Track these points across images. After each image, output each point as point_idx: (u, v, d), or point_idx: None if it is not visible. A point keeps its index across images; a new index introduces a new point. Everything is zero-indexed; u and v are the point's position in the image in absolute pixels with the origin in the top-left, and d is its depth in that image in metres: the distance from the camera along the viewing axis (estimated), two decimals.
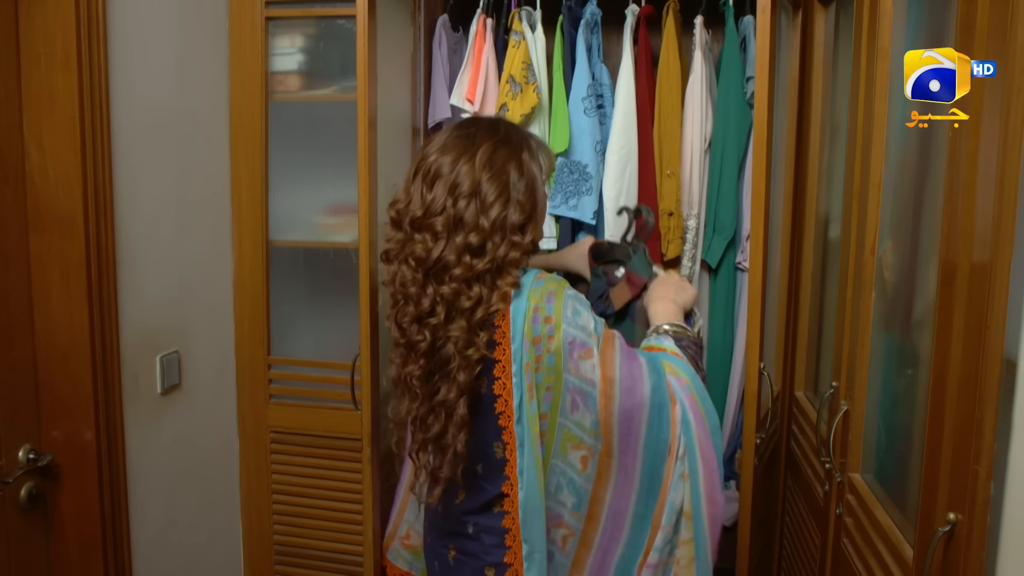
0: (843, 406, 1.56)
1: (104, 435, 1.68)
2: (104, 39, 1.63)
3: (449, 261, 1.21)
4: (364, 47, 1.66)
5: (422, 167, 1.26)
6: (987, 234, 0.93)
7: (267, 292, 2.16)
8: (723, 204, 2.05)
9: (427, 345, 1.24)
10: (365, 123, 1.68)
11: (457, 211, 1.22)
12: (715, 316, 2.13)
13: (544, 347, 1.24)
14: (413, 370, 1.26)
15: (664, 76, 2.05)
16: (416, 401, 1.28)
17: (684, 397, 1.28)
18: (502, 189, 1.24)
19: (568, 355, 1.24)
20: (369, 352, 1.74)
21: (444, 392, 1.25)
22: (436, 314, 1.22)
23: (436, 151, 1.26)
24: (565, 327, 1.24)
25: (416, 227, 1.24)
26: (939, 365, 1.07)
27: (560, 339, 1.24)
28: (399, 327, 1.27)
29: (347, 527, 2.19)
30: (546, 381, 1.25)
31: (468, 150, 1.25)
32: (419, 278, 1.23)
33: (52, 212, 1.61)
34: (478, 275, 1.22)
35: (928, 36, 1.32)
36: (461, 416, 1.24)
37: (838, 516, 1.58)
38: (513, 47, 2.04)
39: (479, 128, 1.30)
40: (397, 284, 1.26)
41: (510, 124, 1.36)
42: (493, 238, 1.22)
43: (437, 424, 1.27)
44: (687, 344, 1.35)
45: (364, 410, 1.78)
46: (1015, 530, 0.94)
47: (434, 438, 1.28)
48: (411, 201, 1.26)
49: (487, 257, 1.22)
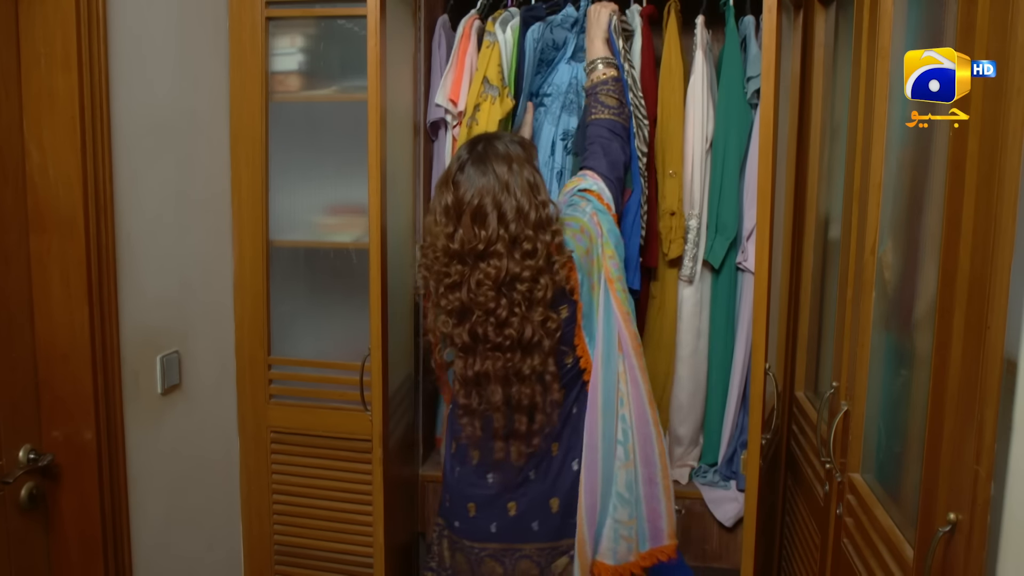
0: (843, 406, 1.56)
1: (104, 435, 1.68)
2: (104, 39, 1.63)
3: (515, 272, 1.49)
4: (376, 47, 1.67)
5: (467, 208, 1.51)
6: (987, 234, 0.93)
7: (267, 292, 2.16)
8: (725, 204, 2.05)
9: (512, 342, 1.51)
10: (377, 123, 1.70)
11: (511, 233, 1.50)
12: (716, 316, 2.13)
13: (589, 244, 1.62)
14: (490, 366, 1.53)
15: (666, 76, 2.05)
16: (496, 383, 1.55)
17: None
18: (530, 195, 1.52)
19: (595, 228, 1.63)
20: (380, 353, 1.74)
21: (530, 363, 1.53)
22: (516, 314, 1.50)
23: (473, 192, 1.51)
24: (585, 220, 1.64)
25: (481, 257, 1.50)
26: (939, 365, 1.07)
27: (585, 223, 1.63)
28: (472, 335, 1.53)
29: (349, 527, 2.19)
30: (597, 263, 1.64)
31: (496, 178, 1.52)
32: (492, 294, 1.50)
33: (52, 212, 1.61)
34: (539, 270, 1.51)
35: (928, 36, 1.32)
36: (552, 373, 1.55)
37: (838, 516, 1.58)
38: (487, 48, 2.03)
39: (486, 153, 1.55)
40: (470, 300, 1.51)
41: (492, 136, 1.63)
42: (539, 235, 1.51)
43: (527, 388, 1.54)
44: (602, 87, 1.76)
45: (375, 410, 1.78)
46: (1015, 530, 0.94)
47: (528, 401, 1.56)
48: (466, 238, 1.50)
49: (540, 252, 1.50)
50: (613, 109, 1.76)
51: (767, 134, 1.60)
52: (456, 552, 1.69)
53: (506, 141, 1.59)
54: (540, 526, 1.63)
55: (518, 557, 1.65)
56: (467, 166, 1.54)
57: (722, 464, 2.13)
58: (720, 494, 2.09)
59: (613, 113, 1.76)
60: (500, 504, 1.63)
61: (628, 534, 1.62)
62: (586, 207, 1.67)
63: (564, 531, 1.62)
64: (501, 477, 1.63)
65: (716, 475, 2.15)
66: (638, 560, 1.63)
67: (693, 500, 2.10)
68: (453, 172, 1.55)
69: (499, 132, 1.83)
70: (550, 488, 1.62)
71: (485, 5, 2.16)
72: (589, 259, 1.62)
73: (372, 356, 1.75)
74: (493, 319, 1.51)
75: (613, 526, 1.62)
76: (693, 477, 2.17)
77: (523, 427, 1.57)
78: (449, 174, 1.56)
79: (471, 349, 1.56)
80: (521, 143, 1.61)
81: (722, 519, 2.07)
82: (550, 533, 1.62)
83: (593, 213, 1.66)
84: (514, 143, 1.60)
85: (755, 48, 2.00)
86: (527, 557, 1.64)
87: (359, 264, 2.13)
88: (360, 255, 2.13)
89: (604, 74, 1.79)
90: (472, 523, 1.66)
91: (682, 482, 2.16)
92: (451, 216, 1.53)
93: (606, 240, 1.65)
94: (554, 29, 2.05)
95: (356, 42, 2.07)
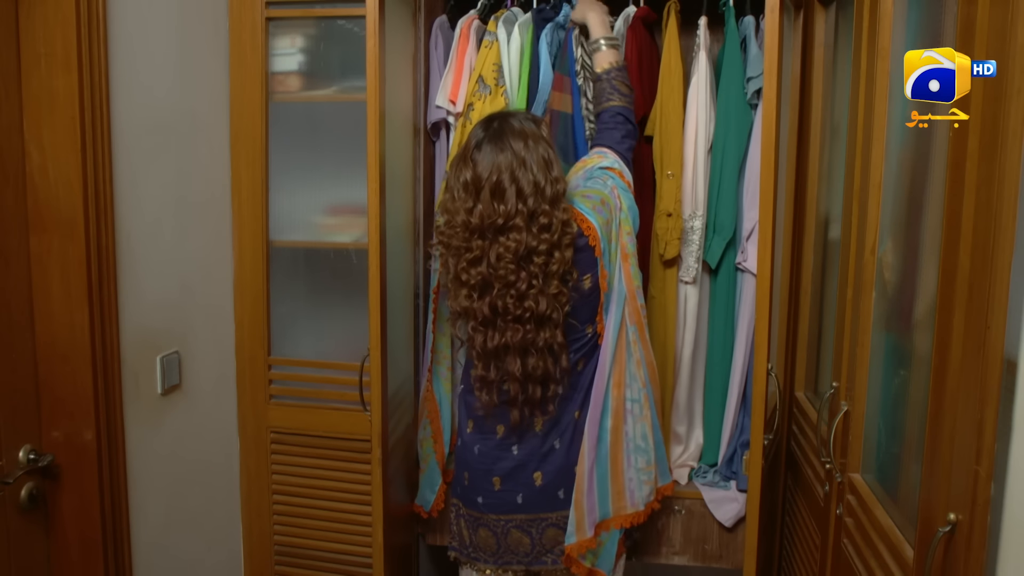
0: (843, 406, 1.56)
1: (104, 435, 1.68)
2: (104, 39, 1.63)
3: (532, 246, 1.56)
4: (374, 47, 1.67)
5: (486, 184, 1.56)
6: (987, 234, 0.93)
7: (267, 292, 2.16)
8: (723, 205, 2.05)
9: (532, 314, 1.57)
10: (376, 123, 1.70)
11: (528, 207, 1.55)
12: (715, 316, 2.13)
13: (609, 216, 1.69)
14: (509, 338, 1.60)
15: (666, 77, 2.05)
16: (515, 355, 1.62)
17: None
18: (546, 171, 1.58)
19: (616, 201, 1.71)
20: (379, 353, 1.74)
21: (543, 335, 1.60)
22: (534, 287, 1.56)
23: (491, 167, 1.56)
24: (607, 193, 1.71)
25: (500, 231, 1.56)
26: (939, 365, 1.07)
27: (607, 195, 1.70)
28: (492, 308, 1.59)
29: (349, 527, 2.19)
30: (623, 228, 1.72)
31: (513, 154, 1.56)
32: (512, 267, 1.55)
33: (52, 212, 1.61)
34: (554, 244, 1.57)
35: (928, 36, 1.32)
36: (560, 344, 1.63)
37: (838, 516, 1.58)
38: (486, 47, 2.03)
39: (502, 129, 1.60)
40: (490, 274, 1.57)
41: (506, 113, 1.68)
42: (554, 211, 1.57)
43: (540, 360, 1.62)
44: (616, 74, 1.83)
45: (374, 411, 1.78)
46: (1015, 530, 0.94)
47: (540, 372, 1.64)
48: (485, 213, 1.55)
49: (556, 227, 1.57)
50: (626, 96, 1.83)
51: (769, 134, 1.60)
52: (479, 528, 1.75)
53: (520, 118, 1.64)
54: (566, 494, 1.70)
55: (545, 526, 1.73)
56: (484, 143, 1.59)
57: (722, 464, 2.13)
58: (720, 494, 2.09)
59: (626, 100, 1.83)
60: (526, 475, 1.71)
61: (648, 478, 1.80)
62: (607, 181, 1.73)
63: None
64: (527, 448, 1.70)
65: (716, 475, 2.15)
66: (656, 498, 1.84)
67: (693, 500, 2.10)
68: (471, 149, 1.60)
69: (512, 110, 1.88)
70: (575, 456, 1.70)
71: (485, 5, 2.15)
72: (608, 230, 1.68)
73: (371, 356, 1.75)
74: (514, 291, 1.57)
75: (636, 476, 1.77)
76: (693, 477, 2.17)
77: (537, 395, 1.65)
78: (467, 151, 1.61)
79: (491, 322, 1.62)
80: (534, 119, 1.66)
81: (722, 519, 2.07)
82: None
83: (614, 187, 1.73)
84: (528, 120, 1.64)
85: (755, 48, 2.00)
86: (554, 525, 1.73)
87: (359, 264, 2.13)
88: (360, 255, 2.13)
89: (616, 61, 1.85)
90: (498, 496, 1.72)
91: (682, 482, 2.16)
92: (470, 191, 1.57)
93: (625, 216, 1.72)
94: (559, 30, 2.05)
95: (356, 42, 2.06)
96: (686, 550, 2.11)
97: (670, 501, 2.07)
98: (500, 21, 2.05)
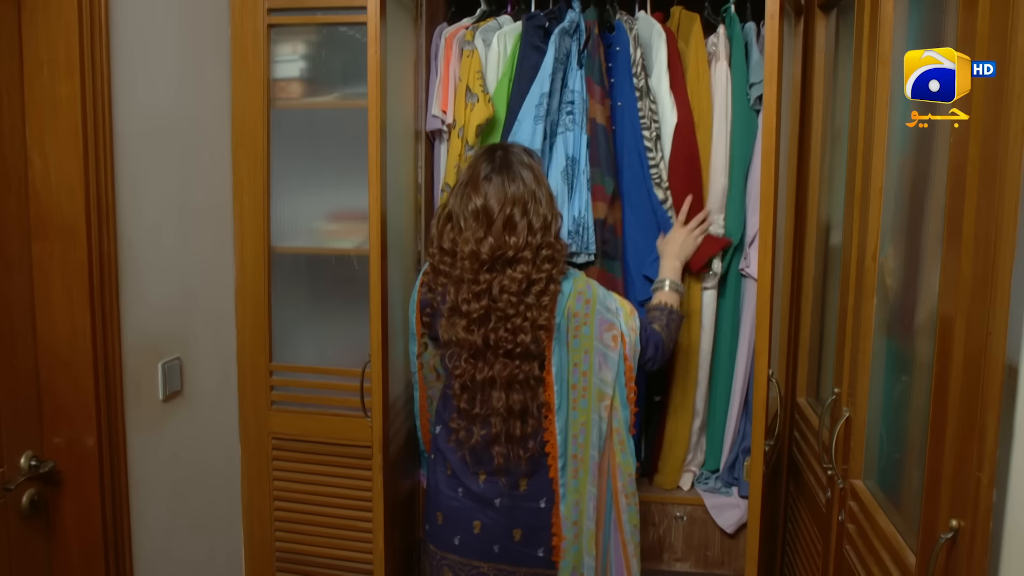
0: (845, 412, 1.56)
1: (106, 442, 1.68)
2: (106, 46, 1.64)
3: (534, 278, 1.56)
4: (375, 54, 1.67)
5: (499, 216, 1.56)
6: (988, 240, 0.93)
7: (269, 299, 2.16)
8: (730, 210, 2.05)
9: (522, 348, 1.57)
10: (377, 130, 1.69)
11: (537, 241, 1.57)
12: (722, 322, 2.12)
13: (581, 320, 1.64)
14: (497, 371, 1.59)
15: (694, 84, 2.03)
16: (501, 389, 1.60)
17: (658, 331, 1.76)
18: (551, 205, 1.61)
19: (599, 327, 1.65)
20: (380, 359, 1.74)
21: (525, 368, 1.60)
22: (528, 319, 1.56)
23: (504, 199, 1.56)
24: (598, 307, 1.65)
25: (509, 263, 1.56)
26: (941, 371, 1.07)
27: (594, 315, 1.65)
28: (485, 340, 1.58)
29: (350, 533, 2.19)
30: (583, 345, 1.65)
31: (524, 186, 1.57)
32: (513, 299, 1.55)
33: (54, 219, 1.61)
34: (551, 277, 1.58)
35: (928, 42, 1.32)
36: (536, 378, 1.63)
37: (840, 522, 1.57)
38: (467, 57, 2.03)
39: (508, 160, 1.61)
40: (491, 306, 1.56)
41: (505, 144, 1.68)
42: (557, 243, 1.60)
43: (520, 395, 1.61)
44: (670, 315, 1.79)
45: (375, 417, 1.78)
46: (1017, 536, 0.94)
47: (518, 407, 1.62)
48: (496, 245, 1.55)
49: (558, 259, 1.59)
50: (668, 333, 1.77)
51: (769, 140, 1.60)
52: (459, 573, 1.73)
53: (518, 151, 1.64)
54: (545, 552, 1.70)
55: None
56: (493, 174, 1.58)
57: (724, 470, 2.12)
58: (722, 500, 2.09)
59: (667, 336, 1.77)
60: (506, 531, 1.69)
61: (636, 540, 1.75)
62: (614, 306, 1.68)
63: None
64: (510, 502, 1.68)
65: (718, 481, 2.14)
66: None
67: (695, 507, 2.10)
68: (479, 179, 1.59)
69: (509, 143, 1.78)
70: (547, 510, 1.69)
71: (483, 13, 2.16)
72: (568, 321, 1.65)
73: (372, 362, 1.75)
74: (509, 325, 1.56)
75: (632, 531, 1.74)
76: (695, 483, 2.17)
77: (517, 431, 1.63)
78: (475, 180, 1.59)
79: (482, 355, 1.60)
80: (530, 153, 1.66)
81: (724, 526, 2.06)
82: (548, 559, 1.70)
83: (620, 316, 1.68)
84: (526, 153, 1.65)
85: (756, 54, 2.00)
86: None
87: (360, 271, 2.13)
88: (361, 262, 2.13)
89: (675, 306, 1.82)
90: (477, 538, 1.69)
91: (684, 488, 2.15)
92: (481, 221, 1.56)
93: (633, 349, 1.68)
94: (565, 37, 2.01)
95: (358, 49, 2.07)
96: (688, 556, 2.10)
97: (672, 507, 2.06)
98: (479, 31, 2.04)
